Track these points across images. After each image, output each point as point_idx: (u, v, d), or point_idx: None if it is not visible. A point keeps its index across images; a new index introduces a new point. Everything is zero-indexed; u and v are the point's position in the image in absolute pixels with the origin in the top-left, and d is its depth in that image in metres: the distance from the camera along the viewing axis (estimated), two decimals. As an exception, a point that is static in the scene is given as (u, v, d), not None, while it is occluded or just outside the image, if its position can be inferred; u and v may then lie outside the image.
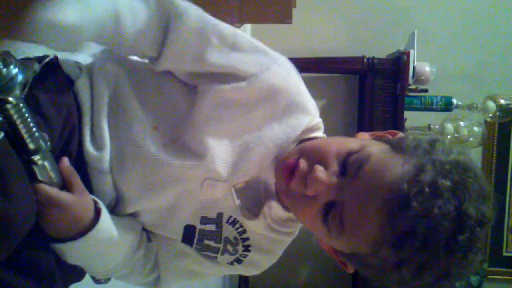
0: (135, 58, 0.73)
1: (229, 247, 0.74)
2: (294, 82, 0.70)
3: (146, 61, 0.72)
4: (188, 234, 0.73)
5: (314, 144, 0.68)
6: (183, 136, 0.68)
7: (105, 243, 0.66)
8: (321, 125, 0.74)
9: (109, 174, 0.67)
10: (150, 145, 0.66)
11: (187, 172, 0.67)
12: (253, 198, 0.71)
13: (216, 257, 0.75)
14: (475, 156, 2.40)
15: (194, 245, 0.74)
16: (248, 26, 2.35)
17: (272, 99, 0.68)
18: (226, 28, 0.68)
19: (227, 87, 0.67)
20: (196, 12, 0.67)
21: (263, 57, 0.69)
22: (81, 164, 0.66)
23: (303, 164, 0.64)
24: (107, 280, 0.76)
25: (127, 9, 0.64)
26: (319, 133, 0.74)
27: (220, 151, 0.67)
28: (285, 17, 1.21)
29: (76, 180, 0.63)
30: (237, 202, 0.69)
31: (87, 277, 0.75)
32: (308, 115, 0.70)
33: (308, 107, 0.71)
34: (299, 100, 0.70)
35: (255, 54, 0.68)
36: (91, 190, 0.67)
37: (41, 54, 0.64)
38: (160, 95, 0.70)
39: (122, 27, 0.64)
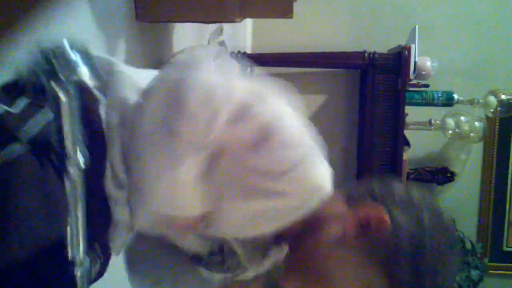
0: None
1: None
2: None
3: None
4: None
5: None
6: None
7: None
8: None
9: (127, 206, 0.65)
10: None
11: None
12: (253, 248, 0.70)
13: None
14: (476, 151, 2.40)
15: None
16: (249, 21, 2.34)
17: None
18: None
19: None
20: None
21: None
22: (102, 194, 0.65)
23: None
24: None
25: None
26: None
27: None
28: (286, 12, 1.21)
29: None
30: (239, 251, 0.68)
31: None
32: None
33: None
34: None
35: None
36: (110, 219, 0.65)
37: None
38: None
39: None
